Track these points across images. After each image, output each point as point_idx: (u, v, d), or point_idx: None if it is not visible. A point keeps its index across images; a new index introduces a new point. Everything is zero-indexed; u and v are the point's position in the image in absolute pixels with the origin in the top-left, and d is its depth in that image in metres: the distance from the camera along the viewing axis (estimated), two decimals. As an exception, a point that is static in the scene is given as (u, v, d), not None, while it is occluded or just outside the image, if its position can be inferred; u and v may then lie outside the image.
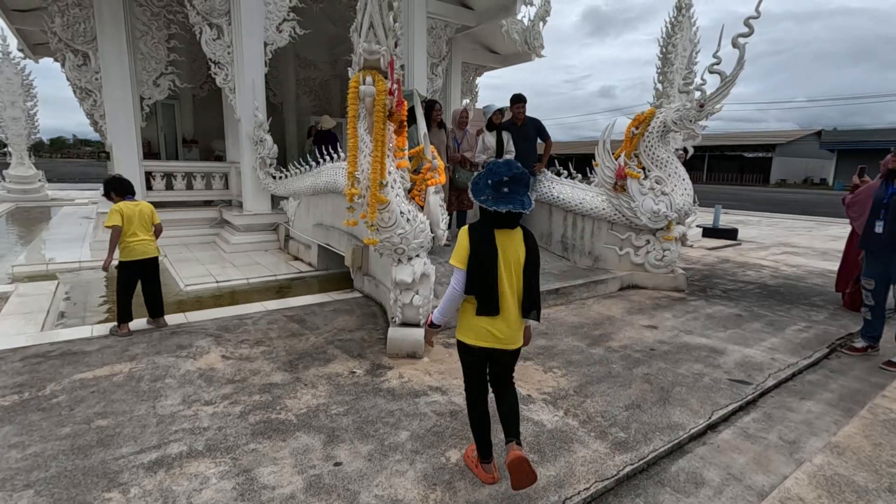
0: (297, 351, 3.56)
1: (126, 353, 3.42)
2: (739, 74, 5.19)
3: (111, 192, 3.86)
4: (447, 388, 3.04)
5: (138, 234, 3.79)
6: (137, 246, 3.80)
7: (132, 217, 3.76)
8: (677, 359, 3.58)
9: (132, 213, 3.77)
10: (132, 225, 3.76)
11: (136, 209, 3.82)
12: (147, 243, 3.85)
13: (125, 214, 3.73)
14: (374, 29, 2.80)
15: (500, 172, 1.92)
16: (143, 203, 3.92)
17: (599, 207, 5.65)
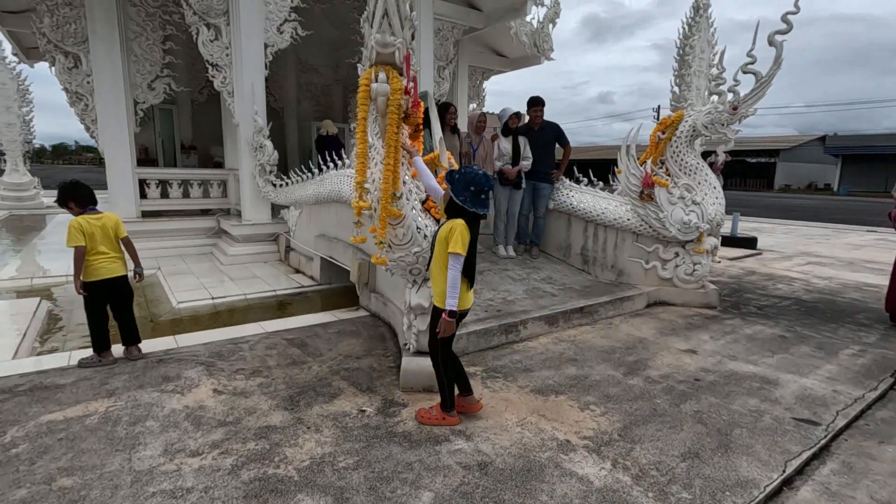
0: (298, 383, 3.15)
1: (104, 388, 3.01)
2: (776, 74, 4.82)
3: (69, 202, 3.34)
4: (471, 431, 2.63)
5: (104, 250, 3.34)
6: (103, 264, 3.34)
7: (94, 233, 3.30)
8: (728, 392, 3.17)
9: (93, 228, 3.30)
10: (95, 241, 3.30)
11: (99, 223, 3.34)
12: (113, 260, 3.40)
13: (86, 231, 3.26)
14: (389, 17, 2.42)
15: (481, 184, 2.52)
16: (107, 214, 3.44)
17: (623, 217, 5.25)
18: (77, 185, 3.39)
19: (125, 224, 3.60)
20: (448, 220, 2.56)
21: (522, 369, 3.46)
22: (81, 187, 3.38)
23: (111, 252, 3.41)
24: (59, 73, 6.85)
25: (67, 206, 3.37)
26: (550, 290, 4.90)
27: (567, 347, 3.90)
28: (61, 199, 3.37)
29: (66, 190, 3.35)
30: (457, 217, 2.52)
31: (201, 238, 7.76)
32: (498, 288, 4.79)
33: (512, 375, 3.35)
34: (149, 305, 5.14)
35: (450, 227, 2.48)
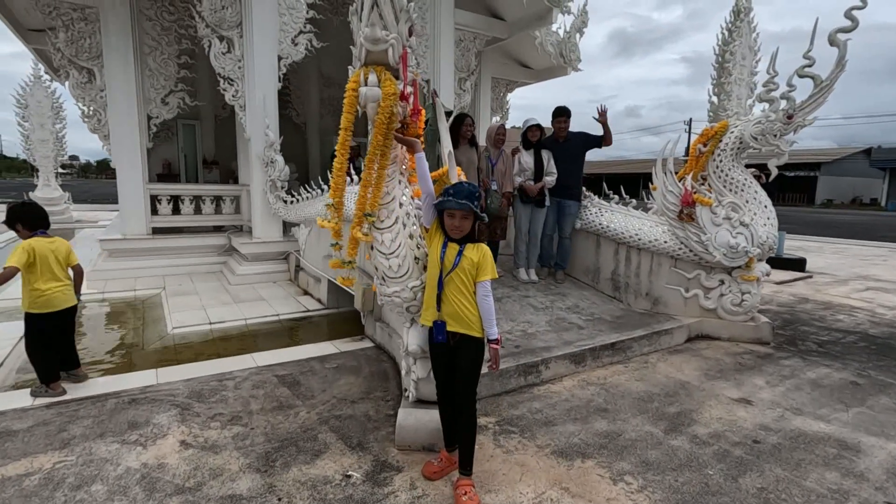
0: (279, 435, 2.72)
1: (61, 435, 2.65)
2: (839, 77, 4.23)
3: (16, 224, 3.08)
4: (477, 511, 2.13)
5: (59, 277, 3.06)
6: (57, 295, 3.06)
7: (46, 258, 3.01)
8: (797, 461, 2.58)
9: (46, 251, 3.02)
10: (48, 267, 3.01)
11: (51, 247, 3.06)
12: (66, 289, 3.12)
13: (38, 254, 2.97)
14: (380, 8, 2.01)
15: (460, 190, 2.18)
16: (59, 240, 3.16)
17: (660, 240, 4.68)
18: (26, 207, 3.14)
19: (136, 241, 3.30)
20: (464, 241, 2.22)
21: (543, 422, 2.94)
22: (31, 209, 3.13)
23: (64, 280, 3.13)
24: (73, 87, 6.78)
25: (15, 228, 3.11)
26: (577, 322, 4.36)
27: (596, 393, 3.36)
28: (9, 220, 3.12)
29: (13, 211, 3.10)
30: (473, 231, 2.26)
31: (212, 256, 7.52)
32: (517, 318, 4.29)
33: (530, 430, 2.84)
34: (144, 329, 4.84)
35: (480, 251, 2.22)
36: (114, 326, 4.96)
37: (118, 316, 5.31)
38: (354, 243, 2.44)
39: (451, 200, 2.11)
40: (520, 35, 8.85)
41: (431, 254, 2.26)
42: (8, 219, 3.10)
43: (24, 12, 7.58)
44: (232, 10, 6.50)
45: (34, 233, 3.08)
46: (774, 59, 4.55)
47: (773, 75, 4.47)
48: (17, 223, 3.08)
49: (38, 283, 3.00)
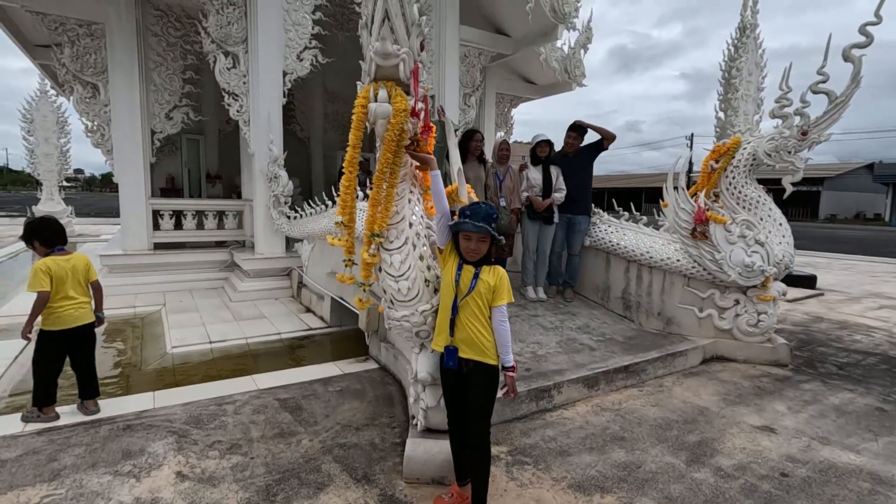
0: (280, 465, 2.58)
1: (51, 465, 2.51)
2: (854, 93, 4.15)
3: (34, 241, 2.99)
4: (492, 553, 1.99)
5: (72, 296, 2.95)
6: (69, 311, 2.95)
7: (63, 276, 2.92)
8: (830, 496, 2.42)
9: (63, 271, 2.92)
10: (64, 285, 2.92)
11: (69, 265, 2.97)
12: (81, 306, 3.01)
13: (55, 274, 2.89)
14: (391, 21, 1.94)
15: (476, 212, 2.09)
16: (77, 256, 3.06)
17: (672, 258, 4.57)
18: (44, 223, 3.02)
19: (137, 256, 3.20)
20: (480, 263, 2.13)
21: (557, 451, 2.80)
22: (48, 225, 3.02)
23: (79, 297, 3.01)
24: (77, 102, 6.76)
25: (31, 245, 2.99)
26: (588, 343, 4.23)
27: (611, 419, 3.22)
28: (26, 236, 3.00)
29: (31, 227, 2.98)
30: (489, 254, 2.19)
31: (213, 271, 7.42)
32: (527, 339, 4.15)
33: (544, 461, 2.69)
34: (142, 348, 4.71)
35: (497, 274, 2.14)
36: (112, 345, 4.84)
37: (116, 334, 5.19)
38: (368, 266, 2.33)
39: (468, 222, 2.01)
40: (525, 51, 8.85)
41: (445, 276, 2.16)
42: (25, 235, 3.02)
43: (31, 28, 7.62)
44: (238, 25, 6.50)
45: (51, 250, 2.98)
46: (787, 75, 4.48)
47: (785, 91, 4.40)
48: (35, 240, 3.00)
49: (54, 301, 2.91)
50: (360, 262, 2.39)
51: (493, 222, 2.06)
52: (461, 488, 2.27)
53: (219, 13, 6.38)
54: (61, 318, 2.93)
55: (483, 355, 2.13)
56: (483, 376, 2.15)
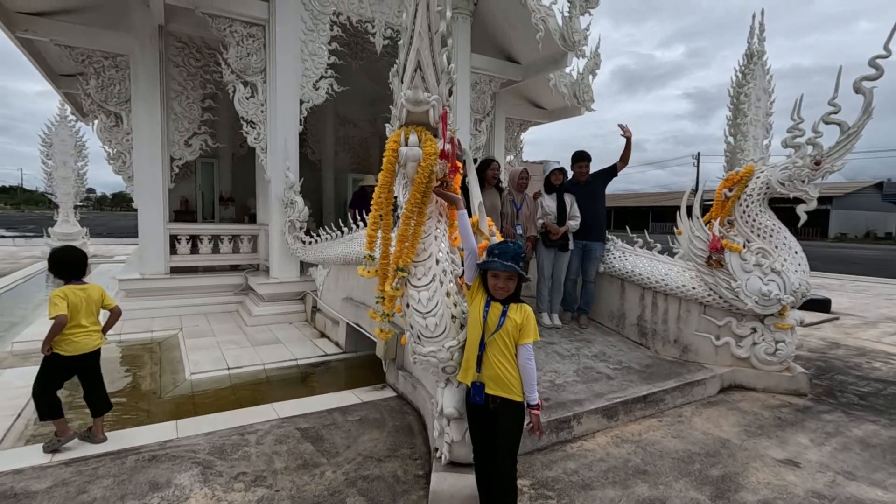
0: (305, 498, 2.60)
1: (80, 499, 2.54)
2: (866, 124, 4.21)
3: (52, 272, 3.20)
4: None
5: (83, 324, 3.10)
6: (80, 339, 3.08)
7: (78, 305, 3.07)
8: (860, 535, 2.40)
9: (78, 300, 3.08)
10: (78, 313, 3.07)
11: (83, 295, 3.12)
12: (90, 334, 3.15)
13: (70, 302, 3.04)
14: (423, 71, 2.03)
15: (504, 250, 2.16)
16: (91, 286, 3.21)
17: (688, 286, 4.59)
18: (67, 257, 3.18)
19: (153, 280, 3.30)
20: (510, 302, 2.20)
21: (580, 485, 2.80)
22: (64, 259, 3.17)
23: (90, 326, 3.15)
24: (101, 131, 6.95)
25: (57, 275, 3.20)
26: (606, 371, 4.23)
27: (632, 451, 3.21)
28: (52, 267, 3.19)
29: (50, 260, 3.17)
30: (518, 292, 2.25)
31: (227, 295, 7.50)
32: (544, 367, 4.16)
33: (567, 495, 2.69)
34: (161, 375, 4.76)
35: (524, 312, 2.21)
36: (131, 371, 4.90)
37: (135, 360, 5.25)
38: (392, 298, 2.39)
39: (497, 262, 2.06)
40: (534, 77, 9.02)
41: (472, 312, 2.20)
42: (51, 267, 3.20)
43: (56, 60, 7.88)
44: (257, 56, 6.70)
45: (68, 281, 3.13)
46: (798, 106, 4.56)
47: (798, 122, 4.47)
48: (53, 271, 3.18)
49: (66, 327, 3.02)
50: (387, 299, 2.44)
51: (521, 261, 2.11)
52: None
53: (239, 45, 6.59)
54: (72, 343, 3.05)
55: (510, 392, 2.16)
56: (510, 414, 2.18)
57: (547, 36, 7.53)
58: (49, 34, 6.39)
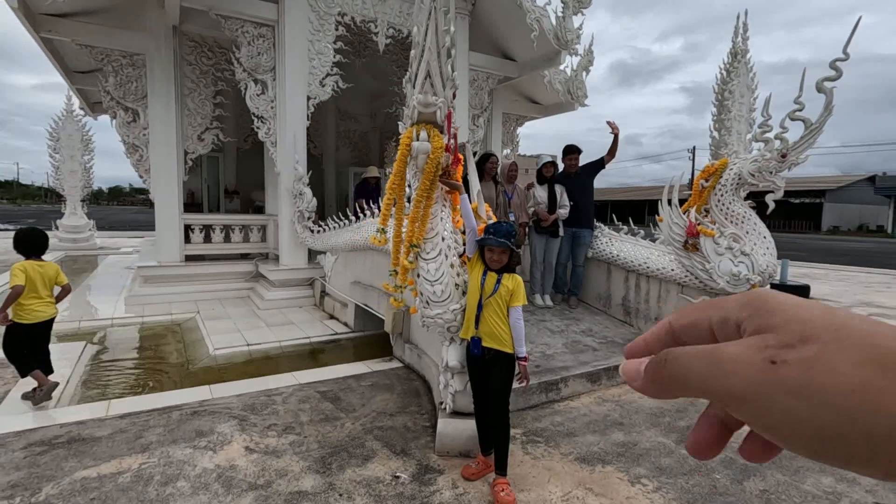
0: (330, 442, 3.05)
1: (139, 441, 2.99)
2: (827, 121, 4.65)
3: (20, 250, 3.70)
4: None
5: (40, 295, 3.61)
6: (38, 308, 3.60)
7: (35, 278, 3.57)
8: (796, 468, 2.87)
9: (35, 274, 3.58)
10: (35, 285, 3.57)
11: (41, 270, 3.62)
12: (45, 304, 3.65)
13: (28, 276, 3.54)
14: (432, 79, 2.45)
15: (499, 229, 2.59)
16: (48, 264, 3.72)
17: (667, 268, 5.04)
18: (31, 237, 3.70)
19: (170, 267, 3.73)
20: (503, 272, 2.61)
21: (565, 433, 3.26)
22: (35, 239, 3.70)
23: (46, 297, 3.66)
24: (119, 126, 7.33)
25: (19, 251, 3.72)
26: (591, 344, 4.69)
27: (612, 409, 3.67)
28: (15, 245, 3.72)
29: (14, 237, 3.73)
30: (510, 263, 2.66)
31: (239, 282, 7.93)
32: (536, 341, 4.62)
33: (554, 440, 3.15)
34: (186, 350, 5.20)
35: (515, 281, 2.63)
36: (159, 348, 5.33)
37: (160, 338, 5.68)
38: (405, 270, 2.83)
39: (492, 239, 2.50)
40: (530, 74, 9.43)
41: (472, 280, 2.64)
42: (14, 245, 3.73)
43: (73, 57, 8.25)
44: (267, 56, 7.09)
45: (29, 257, 3.65)
46: (768, 103, 4.99)
47: (766, 118, 4.90)
48: (16, 249, 3.71)
49: (25, 298, 3.53)
50: (399, 268, 2.88)
51: (513, 238, 2.55)
52: (485, 458, 2.73)
53: (250, 45, 6.97)
54: (31, 313, 3.56)
55: (502, 345, 2.61)
56: (502, 363, 2.62)
57: (541, 35, 7.94)
58: (70, 34, 6.75)
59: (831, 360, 0.26)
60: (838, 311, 0.28)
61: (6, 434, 3.05)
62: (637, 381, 0.34)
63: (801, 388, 0.26)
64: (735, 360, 0.28)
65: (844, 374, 0.25)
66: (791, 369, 0.26)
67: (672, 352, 0.31)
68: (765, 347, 0.28)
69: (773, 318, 0.29)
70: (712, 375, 0.29)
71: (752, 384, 0.27)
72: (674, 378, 0.31)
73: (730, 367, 0.28)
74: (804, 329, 0.27)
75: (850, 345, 0.26)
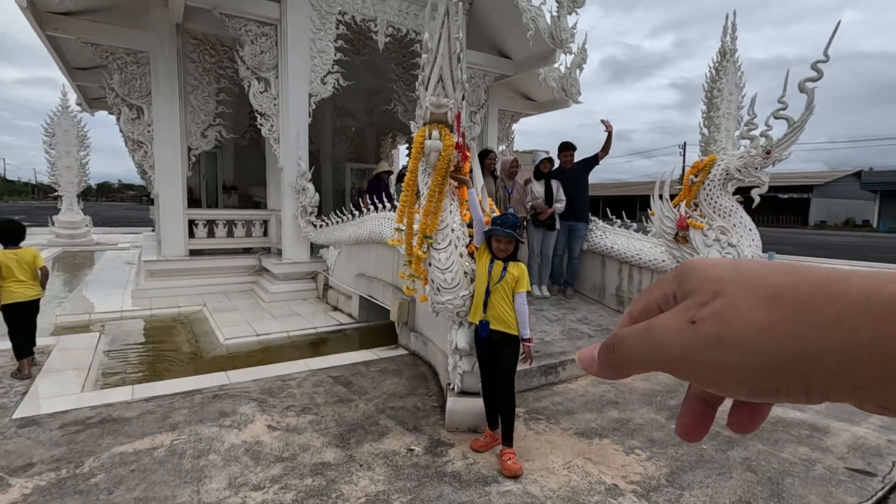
0: (346, 421, 3.27)
1: (167, 421, 3.19)
2: (808, 119, 4.91)
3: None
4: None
5: (19, 279, 3.95)
6: (17, 290, 3.94)
7: (9, 265, 3.90)
8: (776, 439, 3.14)
9: (9, 260, 3.91)
10: (11, 271, 3.91)
11: (15, 257, 3.95)
12: (27, 286, 3.99)
13: (2, 262, 3.87)
14: (444, 82, 2.66)
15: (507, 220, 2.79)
16: (24, 250, 4.06)
17: (659, 259, 5.30)
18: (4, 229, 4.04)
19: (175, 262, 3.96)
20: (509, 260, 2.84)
21: (564, 411, 3.50)
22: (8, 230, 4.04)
23: (27, 280, 3.98)
24: (124, 123, 7.45)
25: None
26: (587, 331, 4.94)
27: (607, 390, 3.92)
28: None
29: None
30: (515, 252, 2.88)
31: (243, 276, 8.10)
32: (535, 328, 4.86)
33: (554, 417, 3.39)
34: (197, 341, 5.39)
35: (520, 269, 2.84)
36: (171, 338, 5.52)
37: (171, 329, 5.86)
38: (419, 260, 3.04)
39: (500, 230, 2.72)
40: (525, 72, 9.64)
41: (480, 268, 2.87)
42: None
43: (75, 54, 8.34)
44: (270, 54, 7.24)
45: (6, 246, 3.97)
46: (754, 102, 5.26)
47: (752, 117, 5.16)
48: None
49: (4, 283, 3.87)
50: (413, 259, 3.10)
51: (517, 229, 2.78)
52: (492, 432, 2.97)
53: (253, 43, 7.12)
54: (12, 294, 3.90)
55: (508, 328, 2.83)
56: (508, 345, 2.85)
57: (537, 34, 8.14)
58: (76, 32, 6.85)
59: (737, 306, 0.28)
60: (743, 262, 0.31)
61: (40, 415, 3.24)
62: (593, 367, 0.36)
63: (717, 339, 0.28)
64: (664, 328, 0.30)
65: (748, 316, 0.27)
66: (707, 324, 0.28)
67: (618, 334, 0.34)
68: (686, 310, 0.30)
69: (692, 282, 0.31)
70: (651, 348, 0.31)
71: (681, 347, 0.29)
72: (623, 358, 0.33)
73: (661, 336, 0.30)
74: (715, 286, 0.29)
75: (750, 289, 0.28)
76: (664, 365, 0.30)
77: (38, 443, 2.88)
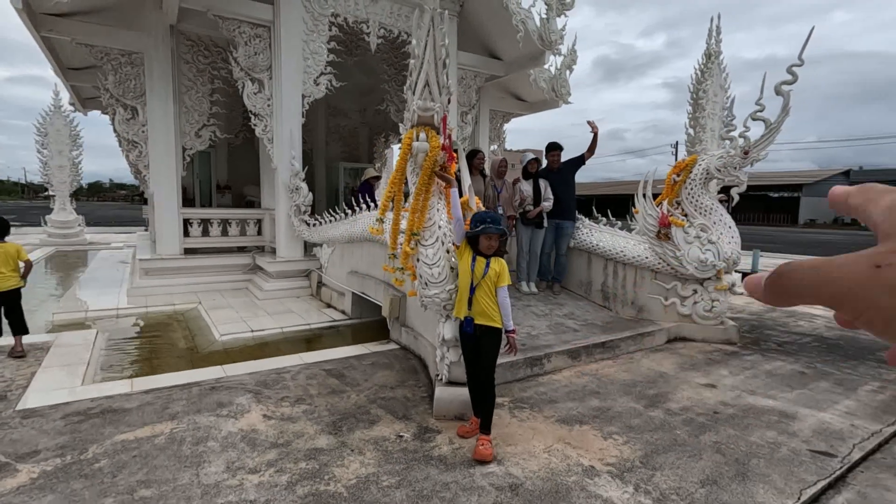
0: (339, 410, 3.41)
1: (166, 411, 3.32)
2: (784, 121, 5.10)
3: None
4: (502, 456, 2.84)
5: (1, 270, 4.30)
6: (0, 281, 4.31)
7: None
8: (746, 424, 3.31)
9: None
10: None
11: (1, 251, 4.32)
12: (5, 277, 4.34)
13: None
14: (430, 87, 2.81)
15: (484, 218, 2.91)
16: (9, 244, 4.44)
17: (642, 256, 5.48)
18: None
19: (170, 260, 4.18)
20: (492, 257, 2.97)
21: (547, 400, 3.66)
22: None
23: (7, 272, 4.38)
24: (119, 123, 7.54)
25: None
26: (573, 326, 5.11)
27: (590, 381, 4.09)
28: None
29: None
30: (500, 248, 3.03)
31: (237, 274, 8.20)
32: (522, 323, 5.02)
33: (538, 406, 3.55)
34: (193, 337, 5.50)
35: (501, 264, 2.98)
36: (168, 335, 5.63)
37: (166, 326, 5.97)
38: (407, 255, 3.19)
39: (492, 227, 2.85)
40: (516, 73, 9.80)
41: (462, 265, 3.02)
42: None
43: (69, 54, 8.41)
44: (263, 55, 7.36)
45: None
46: (732, 105, 5.45)
47: (731, 118, 5.35)
48: None
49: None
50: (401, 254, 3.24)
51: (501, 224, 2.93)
52: (478, 419, 3.12)
53: (247, 44, 7.23)
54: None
55: (491, 321, 2.98)
56: (492, 337, 3.00)
57: (526, 36, 8.31)
58: (71, 34, 6.93)
59: None
60: None
61: (42, 407, 3.35)
62: (757, 292, 0.37)
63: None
64: (842, 267, 0.31)
65: None
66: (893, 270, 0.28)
67: (790, 264, 0.35)
68: (875, 255, 0.30)
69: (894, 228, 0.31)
70: (821, 282, 0.32)
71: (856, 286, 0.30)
72: (789, 288, 0.34)
73: (837, 274, 0.31)
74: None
75: None
76: (830, 300, 0.32)
77: (42, 432, 3.00)
